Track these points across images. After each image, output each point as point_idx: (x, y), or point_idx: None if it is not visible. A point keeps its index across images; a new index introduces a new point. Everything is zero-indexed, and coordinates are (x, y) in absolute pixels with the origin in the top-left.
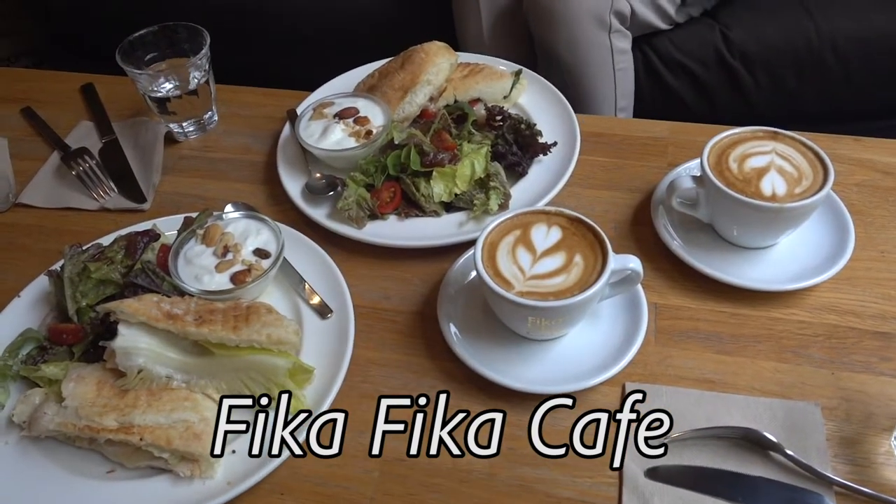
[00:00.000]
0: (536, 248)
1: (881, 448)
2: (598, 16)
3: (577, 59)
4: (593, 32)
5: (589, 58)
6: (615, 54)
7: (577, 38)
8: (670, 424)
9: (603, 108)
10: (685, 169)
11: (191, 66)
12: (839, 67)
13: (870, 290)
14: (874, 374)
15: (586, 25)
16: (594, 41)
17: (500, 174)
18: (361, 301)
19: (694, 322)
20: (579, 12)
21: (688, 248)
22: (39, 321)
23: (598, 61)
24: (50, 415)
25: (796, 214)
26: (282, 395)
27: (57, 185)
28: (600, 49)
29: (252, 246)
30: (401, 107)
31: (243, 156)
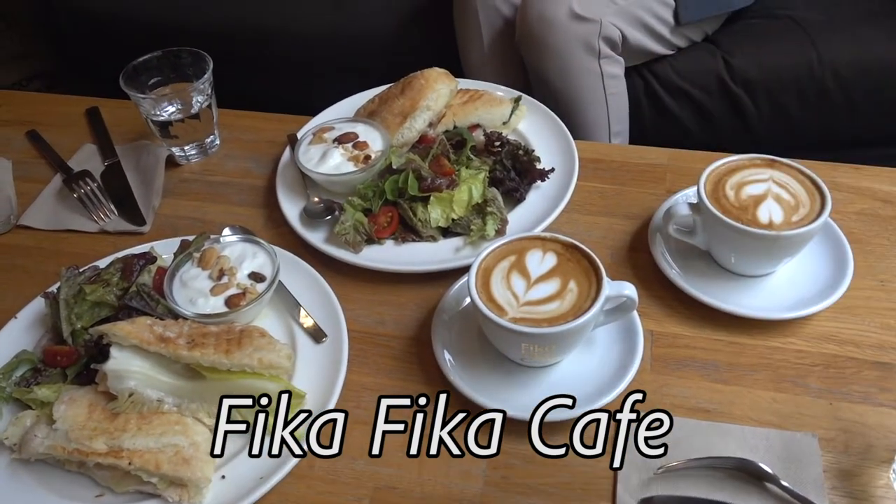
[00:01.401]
0: (531, 274)
1: (880, 481)
2: (587, 42)
3: (568, 86)
4: (582, 59)
5: (580, 84)
6: (605, 79)
7: (567, 65)
8: (670, 424)
9: (597, 133)
10: (682, 196)
11: (193, 90)
12: (841, 95)
13: (869, 319)
14: (873, 405)
15: (575, 52)
16: (584, 67)
17: (498, 199)
18: (357, 326)
19: (691, 350)
20: (568, 40)
21: (685, 276)
22: (35, 343)
23: (589, 87)
24: (41, 437)
25: (793, 242)
26: (281, 397)
27: (58, 208)
28: (590, 75)
29: (248, 269)
30: (400, 132)
31: (243, 179)
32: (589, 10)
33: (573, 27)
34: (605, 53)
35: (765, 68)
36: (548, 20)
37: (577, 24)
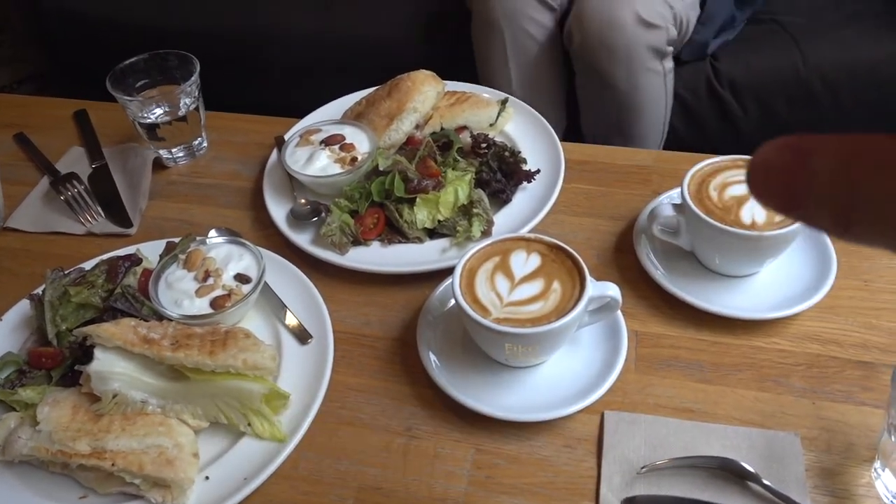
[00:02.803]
0: (515, 275)
1: (861, 479)
2: (655, 47)
3: (635, 87)
4: (650, 61)
5: (646, 84)
6: (666, 76)
7: (636, 68)
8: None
9: (652, 132)
10: (667, 197)
11: (181, 92)
12: (827, 96)
13: (852, 318)
14: (855, 404)
15: (645, 55)
16: (651, 69)
17: (484, 201)
18: (342, 327)
19: (675, 350)
20: (637, 44)
21: (669, 277)
22: (20, 345)
23: (653, 86)
24: (24, 439)
25: (776, 243)
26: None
27: (45, 210)
28: (656, 76)
29: (233, 271)
30: (387, 134)
31: (231, 182)
32: (652, 14)
33: (641, 33)
34: (667, 52)
35: (752, 71)
36: (615, 25)
37: (646, 30)
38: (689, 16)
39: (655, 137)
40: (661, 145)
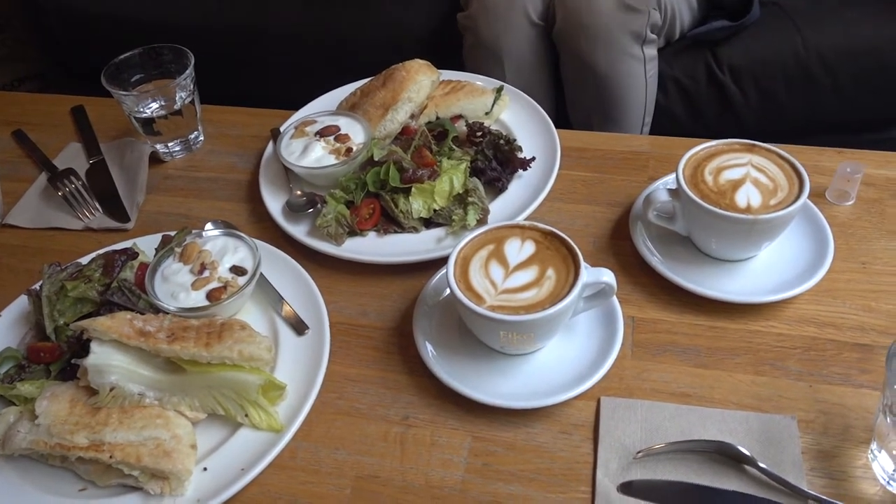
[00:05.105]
0: (509, 263)
1: (858, 461)
2: (635, 31)
3: (615, 72)
4: (629, 45)
5: (624, 70)
6: (647, 63)
7: (614, 52)
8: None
9: (633, 119)
10: (663, 183)
11: (176, 86)
12: (827, 80)
13: (850, 301)
14: (853, 387)
15: (623, 40)
16: (629, 53)
17: (479, 189)
18: (339, 317)
19: (671, 335)
20: (616, 27)
21: (666, 262)
22: (19, 340)
23: (632, 72)
24: (23, 433)
25: (771, 226)
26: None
27: (43, 206)
28: (634, 60)
29: (229, 263)
30: (382, 124)
31: (227, 174)
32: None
33: (621, 17)
34: (649, 38)
35: (751, 55)
36: (595, 7)
37: (626, 14)
38: (675, 2)
39: (636, 122)
40: (642, 129)
